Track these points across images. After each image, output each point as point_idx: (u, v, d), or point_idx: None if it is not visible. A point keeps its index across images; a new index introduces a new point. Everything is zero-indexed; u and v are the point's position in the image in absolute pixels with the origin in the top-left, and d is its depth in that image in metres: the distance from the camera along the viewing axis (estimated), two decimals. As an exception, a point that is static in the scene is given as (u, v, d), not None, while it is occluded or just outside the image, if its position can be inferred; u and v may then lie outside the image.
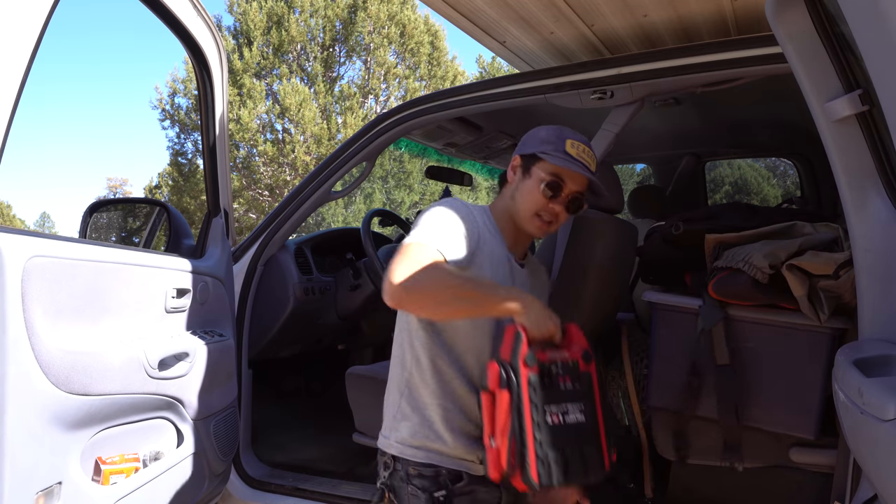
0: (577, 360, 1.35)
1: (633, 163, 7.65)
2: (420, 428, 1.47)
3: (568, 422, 1.31)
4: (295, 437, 3.05)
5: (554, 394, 1.31)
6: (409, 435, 1.48)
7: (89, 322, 1.65)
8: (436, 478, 1.46)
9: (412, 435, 1.48)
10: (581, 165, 1.49)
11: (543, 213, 1.51)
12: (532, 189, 1.51)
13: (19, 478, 1.40)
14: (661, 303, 2.13)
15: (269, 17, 15.07)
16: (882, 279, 1.31)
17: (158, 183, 18.35)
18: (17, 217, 36.19)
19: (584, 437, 1.32)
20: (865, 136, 1.26)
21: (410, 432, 1.48)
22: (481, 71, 17.72)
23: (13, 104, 1.33)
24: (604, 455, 1.33)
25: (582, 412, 1.32)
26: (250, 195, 15.70)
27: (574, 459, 1.29)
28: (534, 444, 1.27)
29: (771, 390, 1.93)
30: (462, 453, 1.47)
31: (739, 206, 2.27)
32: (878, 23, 0.95)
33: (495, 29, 2.29)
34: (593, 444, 1.33)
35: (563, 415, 1.31)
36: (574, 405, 1.32)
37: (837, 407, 1.25)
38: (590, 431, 1.33)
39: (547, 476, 1.27)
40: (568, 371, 1.33)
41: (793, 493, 2.03)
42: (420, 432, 1.47)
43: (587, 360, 1.36)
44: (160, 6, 1.85)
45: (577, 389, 1.33)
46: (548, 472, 1.27)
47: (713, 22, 2.17)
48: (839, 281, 1.74)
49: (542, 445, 1.27)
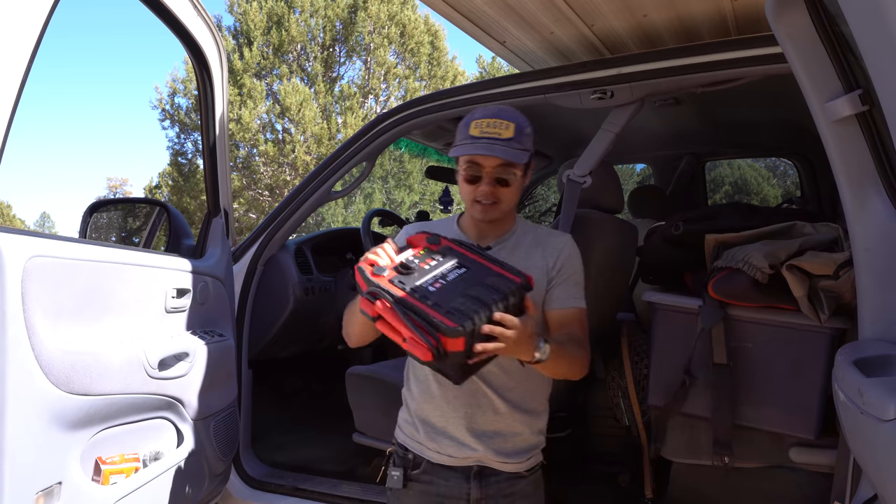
0: (426, 248, 1.40)
1: (633, 163, 7.66)
2: (405, 415, 1.67)
3: (451, 279, 1.33)
4: (295, 437, 3.05)
5: (424, 273, 1.33)
6: (401, 419, 1.69)
7: (89, 322, 1.65)
8: (403, 458, 1.64)
9: (402, 420, 1.68)
10: (485, 143, 1.49)
11: (480, 198, 1.54)
12: (461, 183, 1.57)
13: (19, 478, 1.40)
14: (661, 303, 2.14)
15: (269, 17, 15.07)
16: (882, 279, 1.31)
17: (158, 183, 18.35)
18: (17, 217, 36.20)
19: (474, 279, 1.33)
20: (865, 136, 1.26)
21: (402, 418, 1.69)
22: (481, 71, 17.72)
23: (13, 104, 1.33)
24: (508, 276, 1.33)
25: (460, 267, 1.36)
26: (250, 195, 15.71)
27: (479, 293, 1.28)
28: (434, 309, 1.24)
29: (771, 390, 1.93)
30: (424, 440, 1.60)
31: (739, 207, 2.28)
32: (878, 23, 0.95)
33: (495, 29, 2.29)
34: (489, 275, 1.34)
35: (444, 278, 1.33)
36: (448, 269, 1.35)
37: (837, 407, 1.25)
38: (479, 269, 1.35)
39: (460, 317, 1.23)
40: (424, 257, 1.38)
41: (793, 493, 2.03)
42: (405, 418, 1.67)
43: (436, 241, 1.41)
44: (160, 6, 1.85)
45: (441, 261, 1.37)
46: (460, 316, 1.23)
47: (713, 22, 2.17)
48: (839, 281, 1.74)
49: (440, 305, 1.25)
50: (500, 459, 1.57)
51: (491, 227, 1.61)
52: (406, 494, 1.61)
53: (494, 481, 1.58)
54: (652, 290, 2.23)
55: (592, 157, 2.14)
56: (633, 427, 2.47)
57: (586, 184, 2.11)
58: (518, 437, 1.59)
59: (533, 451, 1.64)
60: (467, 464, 1.57)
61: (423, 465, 1.60)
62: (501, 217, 1.59)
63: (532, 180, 4.52)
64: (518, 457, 1.60)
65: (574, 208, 2.09)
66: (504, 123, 1.51)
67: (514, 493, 1.59)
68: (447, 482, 1.57)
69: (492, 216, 1.56)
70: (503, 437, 1.57)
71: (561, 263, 1.59)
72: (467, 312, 1.24)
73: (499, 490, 1.58)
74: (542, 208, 10.65)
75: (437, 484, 1.58)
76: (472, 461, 1.57)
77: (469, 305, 1.25)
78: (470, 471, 1.57)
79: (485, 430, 1.55)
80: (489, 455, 1.56)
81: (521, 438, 1.59)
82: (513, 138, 1.50)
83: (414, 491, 1.60)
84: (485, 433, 1.55)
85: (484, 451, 1.56)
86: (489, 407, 1.55)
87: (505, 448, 1.57)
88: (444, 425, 1.57)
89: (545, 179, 4.67)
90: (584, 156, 2.15)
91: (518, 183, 1.56)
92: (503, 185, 1.53)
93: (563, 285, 1.58)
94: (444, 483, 1.58)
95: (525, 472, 1.61)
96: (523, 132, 1.53)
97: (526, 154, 1.53)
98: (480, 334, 1.25)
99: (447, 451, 1.57)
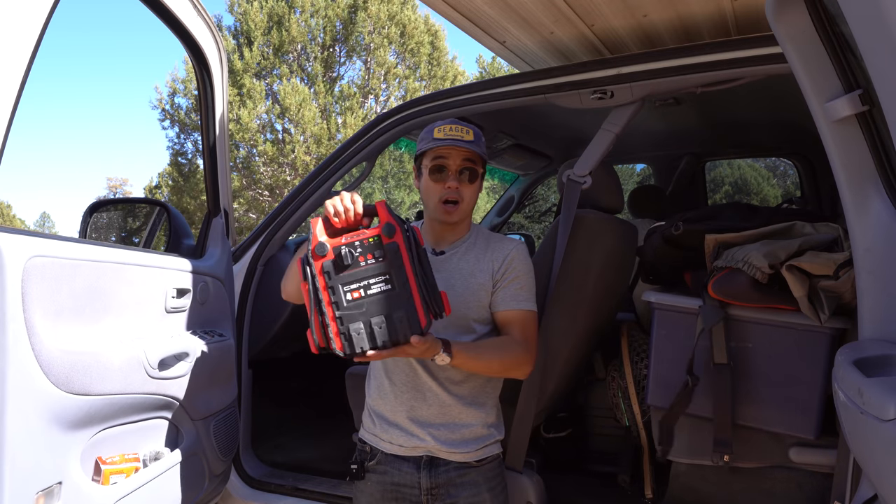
0: (378, 235, 1.46)
1: (633, 163, 7.67)
2: (366, 409, 1.78)
3: (371, 294, 1.44)
4: (295, 437, 3.05)
5: (353, 273, 1.45)
6: (363, 415, 1.79)
7: (89, 322, 1.65)
8: (361, 450, 1.75)
9: (364, 415, 1.79)
10: (450, 141, 1.64)
11: (446, 195, 1.66)
12: (426, 181, 1.69)
13: (19, 478, 1.40)
14: (661, 303, 2.14)
15: (269, 17, 15.07)
16: (882, 279, 1.31)
17: (158, 183, 18.36)
18: (17, 217, 36.20)
19: (391, 303, 1.43)
20: (865, 136, 1.26)
21: (364, 413, 1.79)
22: (481, 71, 17.73)
23: (13, 104, 1.33)
24: (419, 315, 1.43)
25: (387, 282, 1.44)
26: (250, 195, 15.70)
27: (379, 326, 1.42)
28: (335, 321, 1.43)
29: (771, 390, 1.93)
30: (379, 432, 1.71)
31: (739, 206, 2.28)
32: (878, 23, 0.95)
33: (495, 29, 2.29)
34: (403, 309, 1.43)
35: (365, 289, 1.44)
36: (378, 278, 1.44)
37: (837, 407, 1.25)
38: (399, 297, 1.44)
39: (349, 346, 1.43)
40: (369, 248, 1.46)
41: (793, 493, 2.03)
42: (365, 413, 1.78)
43: (390, 232, 1.46)
44: (160, 6, 1.85)
45: (380, 263, 1.45)
46: (350, 343, 1.42)
47: (713, 22, 2.17)
48: (839, 281, 1.74)
49: (343, 321, 1.43)
50: (447, 449, 1.66)
51: (449, 230, 1.74)
52: (365, 485, 1.72)
53: (444, 470, 1.66)
54: (652, 290, 2.22)
55: (592, 157, 2.14)
56: (633, 427, 2.47)
57: (586, 184, 2.11)
58: (466, 429, 1.67)
59: (484, 443, 1.70)
60: (417, 454, 1.67)
61: (378, 457, 1.71)
62: (462, 220, 1.71)
63: (532, 180, 4.52)
64: (466, 446, 1.67)
65: (574, 208, 2.09)
66: (464, 129, 1.67)
67: (464, 482, 1.67)
68: (400, 471, 1.68)
69: (454, 218, 1.68)
70: (449, 428, 1.66)
71: (505, 267, 1.70)
72: (359, 343, 1.42)
73: (448, 479, 1.66)
74: (542, 208, 10.66)
75: (391, 473, 1.68)
76: (421, 451, 1.67)
77: (363, 337, 1.42)
78: (420, 461, 1.67)
79: (431, 422, 1.66)
80: (436, 445, 1.65)
81: (470, 430, 1.68)
82: (473, 141, 1.66)
83: (371, 481, 1.71)
84: (431, 424, 1.66)
85: (432, 441, 1.65)
86: (435, 400, 1.66)
87: (451, 438, 1.66)
88: (394, 417, 1.68)
89: (545, 179, 4.67)
90: (584, 156, 2.15)
91: (479, 185, 1.71)
92: (468, 182, 1.67)
93: (506, 289, 1.69)
94: (398, 472, 1.68)
95: (475, 461, 1.68)
96: (480, 139, 1.69)
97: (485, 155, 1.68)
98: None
99: (398, 441, 1.68)
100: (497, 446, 1.75)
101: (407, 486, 1.67)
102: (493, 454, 1.73)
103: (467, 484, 1.67)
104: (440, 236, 1.75)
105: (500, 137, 3.46)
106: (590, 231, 2.14)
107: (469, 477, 1.67)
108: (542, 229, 11.91)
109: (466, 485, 1.66)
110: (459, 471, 1.67)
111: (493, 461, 1.73)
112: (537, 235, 9.79)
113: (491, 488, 1.69)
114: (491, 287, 1.69)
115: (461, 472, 1.67)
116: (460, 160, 1.66)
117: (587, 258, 2.13)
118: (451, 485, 1.66)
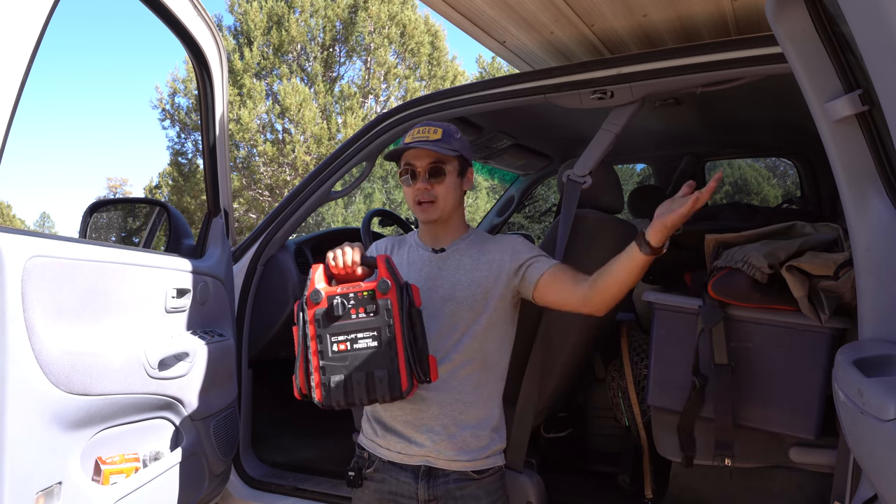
0: (373, 290, 1.48)
1: (633, 163, 7.66)
2: (365, 415, 1.77)
3: (356, 348, 1.46)
4: (295, 437, 3.05)
5: (343, 325, 1.48)
6: (363, 420, 1.78)
7: (89, 322, 1.65)
8: (359, 457, 1.74)
9: (363, 421, 1.78)
10: (416, 143, 1.68)
11: (419, 197, 1.70)
12: (405, 190, 1.75)
13: (19, 478, 1.40)
14: (661, 303, 2.13)
15: (269, 17, 15.07)
16: (882, 279, 1.31)
17: (158, 183, 18.36)
18: (17, 217, 36.21)
19: (374, 361, 1.45)
20: (865, 136, 1.26)
21: (363, 419, 1.78)
22: (481, 71, 17.72)
23: (13, 105, 1.33)
24: (401, 377, 1.45)
25: (374, 339, 1.46)
26: (250, 195, 15.70)
27: (359, 382, 1.46)
28: (318, 371, 1.46)
29: (771, 390, 1.93)
30: (377, 438, 1.71)
31: (739, 207, 2.28)
32: (878, 23, 0.95)
33: (495, 29, 2.29)
34: (385, 368, 1.45)
35: (352, 342, 1.46)
36: (366, 333, 1.46)
37: (837, 407, 1.25)
38: (383, 356, 1.46)
39: (327, 398, 1.46)
40: (362, 302, 1.48)
41: (793, 493, 2.03)
42: (365, 419, 1.77)
43: (384, 289, 1.48)
44: (160, 6, 1.85)
45: (370, 318, 1.47)
46: (328, 394, 1.46)
47: (713, 22, 2.17)
48: (839, 281, 1.74)
49: (325, 371, 1.46)
50: (446, 457, 1.63)
51: (441, 229, 1.76)
52: (362, 493, 1.72)
53: (443, 482, 1.63)
54: (652, 290, 2.22)
55: (592, 157, 2.13)
56: (633, 427, 2.47)
57: (586, 184, 2.11)
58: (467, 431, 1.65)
59: (485, 453, 1.67)
60: (415, 462, 1.65)
61: (375, 464, 1.70)
62: (442, 217, 1.73)
63: (532, 180, 4.52)
64: (466, 454, 1.64)
65: (574, 208, 2.09)
66: (433, 129, 1.70)
67: (463, 495, 1.63)
68: (397, 480, 1.66)
69: (432, 216, 1.71)
70: (449, 430, 1.64)
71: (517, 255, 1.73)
72: (335, 397, 1.46)
73: (447, 491, 1.63)
74: (542, 208, 10.65)
75: (388, 482, 1.67)
76: (419, 459, 1.64)
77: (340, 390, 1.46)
78: (418, 470, 1.64)
79: (431, 425, 1.64)
80: (435, 452, 1.63)
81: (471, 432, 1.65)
82: (440, 139, 1.68)
83: (369, 489, 1.70)
84: (431, 429, 1.64)
85: (431, 448, 1.63)
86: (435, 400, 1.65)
87: (451, 443, 1.63)
88: (392, 422, 1.68)
89: (545, 179, 4.67)
90: (584, 156, 2.15)
91: (453, 181, 1.72)
92: (437, 182, 1.69)
93: (532, 266, 1.71)
94: (395, 481, 1.66)
95: (474, 472, 1.65)
96: (452, 136, 1.71)
97: (453, 152, 1.68)
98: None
99: (396, 448, 1.66)
100: (499, 458, 1.72)
101: (404, 496, 1.65)
102: (494, 466, 1.69)
103: (467, 497, 1.63)
104: (435, 235, 1.79)
105: (500, 137, 3.46)
106: (590, 231, 2.14)
107: (469, 490, 1.64)
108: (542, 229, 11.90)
109: (466, 498, 1.63)
110: (459, 483, 1.63)
111: (495, 474, 1.70)
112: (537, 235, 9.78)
113: (492, 502, 1.66)
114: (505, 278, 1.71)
115: (460, 485, 1.63)
116: (427, 161, 1.69)
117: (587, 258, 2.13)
118: (451, 497, 1.63)
